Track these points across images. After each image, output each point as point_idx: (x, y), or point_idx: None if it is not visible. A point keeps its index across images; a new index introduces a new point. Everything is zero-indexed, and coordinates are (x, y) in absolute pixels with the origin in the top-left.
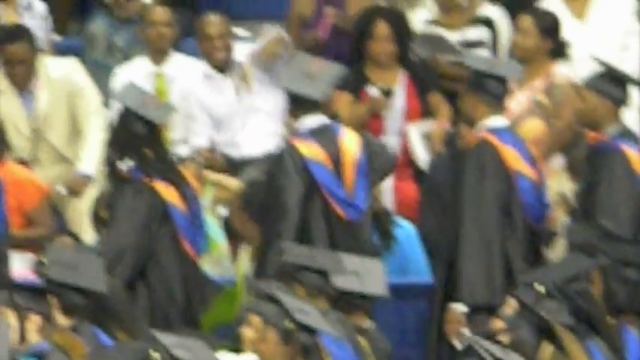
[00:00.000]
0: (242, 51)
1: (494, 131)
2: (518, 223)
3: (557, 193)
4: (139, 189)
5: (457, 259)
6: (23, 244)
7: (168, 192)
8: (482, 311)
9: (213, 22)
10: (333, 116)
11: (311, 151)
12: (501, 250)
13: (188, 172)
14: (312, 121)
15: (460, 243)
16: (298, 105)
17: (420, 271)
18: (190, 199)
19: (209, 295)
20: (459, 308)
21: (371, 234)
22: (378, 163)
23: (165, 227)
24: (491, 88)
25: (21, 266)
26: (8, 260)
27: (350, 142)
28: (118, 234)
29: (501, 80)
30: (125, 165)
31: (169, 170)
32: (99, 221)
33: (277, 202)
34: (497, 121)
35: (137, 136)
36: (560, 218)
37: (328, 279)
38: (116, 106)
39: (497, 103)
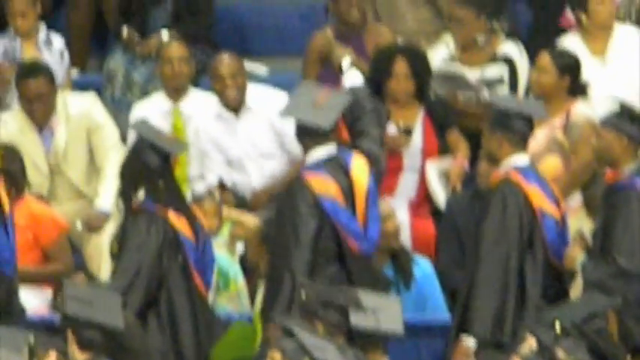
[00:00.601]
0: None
1: (518, 169)
2: (540, 260)
3: (574, 231)
4: (151, 219)
5: (472, 293)
6: (39, 280)
7: (179, 223)
8: (490, 346)
9: (225, 61)
10: (342, 143)
11: (322, 185)
12: (517, 289)
13: (206, 209)
14: (323, 151)
15: (477, 278)
16: (308, 135)
17: (437, 308)
18: (200, 234)
19: (216, 329)
20: (469, 342)
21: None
22: None
23: (177, 258)
24: (517, 128)
25: (37, 302)
26: (18, 293)
27: (360, 171)
28: (130, 263)
29: (527, 120)
30: (138, 196)
31: (181, 202)
32: (115, 257)
33: (290, 239)
34: (520, 159)
35: (150, 167)
36: (577, 256)
37: (347, 316)
38: (130, 139)
39: (521, 142)
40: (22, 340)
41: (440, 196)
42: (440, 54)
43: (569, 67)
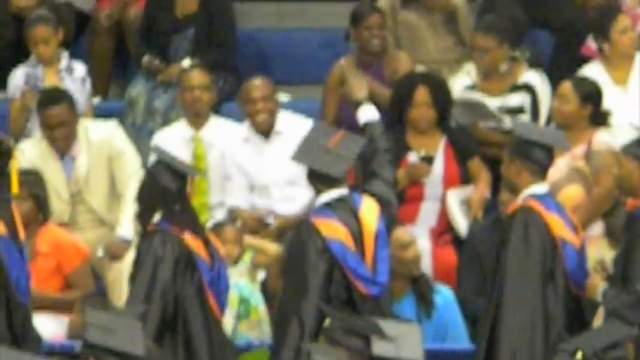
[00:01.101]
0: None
1: (538, 198)
2: (561, 289)
3: (595, 260)
4: (165, 237)
5: (498, 326)
6: (60, 307)
7: (195, 243)
8: None
9: (257, 84)
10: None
11: (331, 229)
12: (544, 320)
13: (227, 236)
14: (333, 194)
15: (502, 312)
16: (319, 180)
17: (458, 336)
18: (215, 257)
19: (229, 351)
20: None
21: (392, 305)
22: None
23: (192, 277)
24: (537, 157)
25: (56, 328)
26: (32, 319)
27: (369, 214)
28: (146, 283)
29: (548, 149)
30: (153, 217)
31: (196, 225)
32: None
33: (298, 285)
34: (539, 187)
35: (168, 190)
36: (598, 285)
37: (369, 343)
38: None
39: (541, 171)
40: None
41: (461, 224)
42: (461, 82)
43: (591, 95)
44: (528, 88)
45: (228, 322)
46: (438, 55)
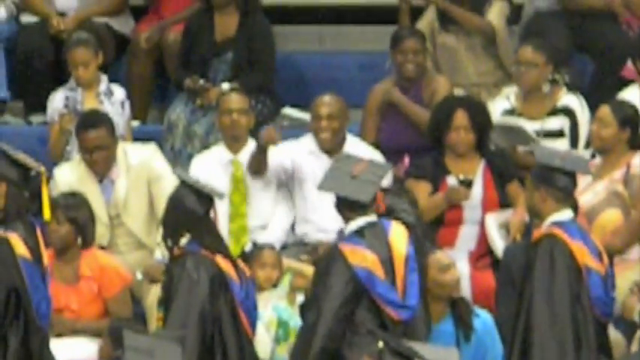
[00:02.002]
0: None
1: (562, 225)
2: (589, 317)
3: (634, 281)
4: (198, 259)
5: (529, 350)
6: (99, 333)
7: (226, 265)
8: None
9: (325, 102)
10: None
11: (358, 256)
12: (574, 342)
13: (265, 260)
14: (362, 221)
15: (532, 336)
16: (347, 208)
17: None
18: (243, 278)
19: None
20: None
21: (425, 328)
22: None
23: (225, 298)
24: (562, 184)
25: (89, 352)
26: (49, 342)
27: (399, 238)
28: (183, 307)
29: (571, 175)
30: (180, 241)
31: (223, 247)
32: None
33: (316, 306)
34: (564, 214)
35: (193, 212)
36: (635, 306)
37: None
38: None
39: (566, 197)
40: None
41: (500, 248)
42: (500, 106)
43: (630, 119)
44: (567, 112)
45: (266, 344)
46: (476, 79)
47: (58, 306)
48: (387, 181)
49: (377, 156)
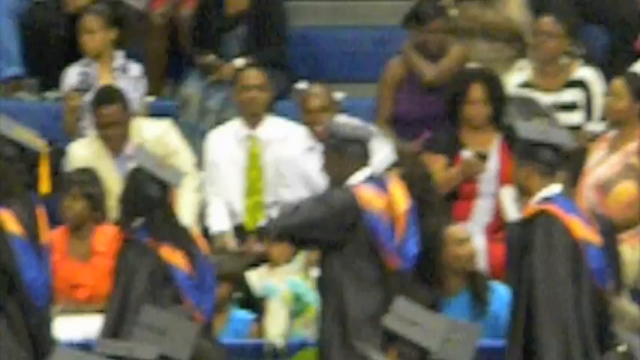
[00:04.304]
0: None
1: (554, 200)
2: (587, 289)
3: None
4: (142, 251)
5: (533, 330)
6: None
7: (172, 254)
8: None
9: (315, 93)
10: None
11: (370, 199)
12: (578, 320)
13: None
14: (365, 171)
15: (535, 317)
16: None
17: None
18: (199, 262)
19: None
20: None
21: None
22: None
23: (170, 288)
24: (546, 158)
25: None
26: (50, 324)
27: (399, 190)
28: (119, 296)
29: (555, 149)
30: (133, 223)
31: (177, 233)
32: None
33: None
34: (553, 189)
35: (149, 197)
36: None
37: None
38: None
39: (551, 171)
40: None
41: None
42: (515, 79)
43: None
44: (582, 85)
45: (282, 319)
46: (491, 54)
47: (73, 282)
48: (394, 155)
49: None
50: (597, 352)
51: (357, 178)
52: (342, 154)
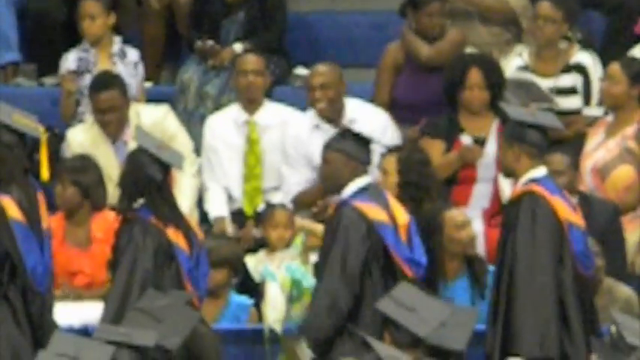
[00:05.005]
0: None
1: (539, 182)
2: (570, 272)
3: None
4: (147, 228)
5: (513, 311)
6: None
7: (174, 234)
8: None
9: (318, 72)
10: None
11: (374, 212)
12: (556, 301)
13: (277, 220)
14: (361, 181)
15: (515, 297)
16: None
17: None
18: (195, 247)
19: (206, 341)
20: None
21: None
22: None
23: (170, 268)
24: (534, 139)
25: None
26: (52, 309)
27: (398, 204)
28: (126, 273)
29: (543, 131)
30: (135, 205)
31: (176, 214)
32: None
33: (336, 270)
34: (539, 171)
35: (150, 178)
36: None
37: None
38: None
39: (539, 153)
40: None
41: None
42: (513, 63)
43: None
44: (580, 69)
45: (281, 304)
46: (489, 39)
47: (71, 269)
48: (397, 140)
49: (383, 116)
50: (582, 336)
51: (355, 185)
52: (350, 158)
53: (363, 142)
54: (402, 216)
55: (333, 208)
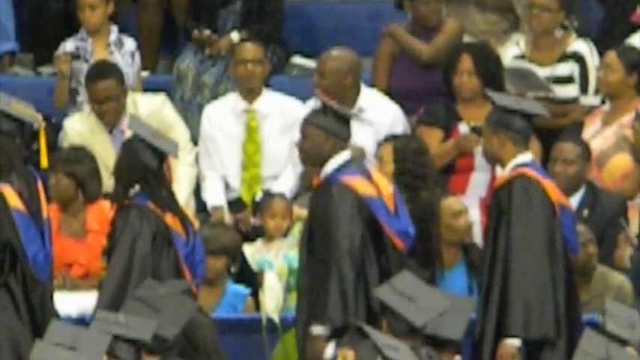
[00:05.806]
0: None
1: (528, 165)
2: (561, 254)
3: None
4: (144, 213)
5: (508, 296)
6: None
7: (171, 220)
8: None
9: (322, 59)
10: None
11: (364, 187)
12: (552, 286)
13: (275, 209)
14: (341, 156)
15: (510, 282)
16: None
17: None
18: (190, 232)
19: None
20: (514, 343)
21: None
22: None
23: (168, 252)
24: (519, 126)
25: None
26: (52, 298)
27: (379, 174)
28: (124, 257)
29: (527, 118)
30: (131, 193)
31: (172, 201)
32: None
33: (337, 247)
34: (525, 157)
35: (146, 166)
36: (626, 254)
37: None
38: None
39: (523, 140)
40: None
41: None
42: (510, 52)
43: (637, 64)
44: (577, 58)
45: (278, 293)
46: (485, 27)
47: (67, 260)
48: (401, 128)
49: (395, 108)
50: (564, 323)
51: (336, 161)
52: (329, 134)
53: (343, 119)
54: (387, 186)
55: (318, 180)
